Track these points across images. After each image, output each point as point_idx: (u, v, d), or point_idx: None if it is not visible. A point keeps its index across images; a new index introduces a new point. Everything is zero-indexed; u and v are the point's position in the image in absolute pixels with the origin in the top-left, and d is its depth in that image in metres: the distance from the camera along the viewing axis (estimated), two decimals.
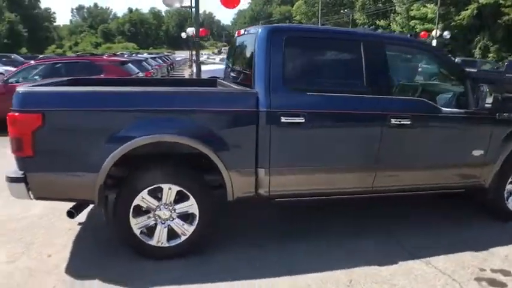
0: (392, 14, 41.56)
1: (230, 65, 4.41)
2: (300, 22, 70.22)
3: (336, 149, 3.34)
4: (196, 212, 3.09)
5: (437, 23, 28.84)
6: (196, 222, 3.11)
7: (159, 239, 3.09)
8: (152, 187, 3.00)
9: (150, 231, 3.09)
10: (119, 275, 2.91)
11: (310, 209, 4.22)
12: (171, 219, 3.10)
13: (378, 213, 4.21)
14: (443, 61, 3.91)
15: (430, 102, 3.57)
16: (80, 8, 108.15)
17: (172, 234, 3.12)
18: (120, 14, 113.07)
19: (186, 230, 3.11)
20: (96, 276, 2.89)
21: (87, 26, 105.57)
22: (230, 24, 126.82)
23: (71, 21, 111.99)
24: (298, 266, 3.13)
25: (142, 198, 3.00)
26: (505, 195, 4.04)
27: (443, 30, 30.36)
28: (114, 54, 17.51)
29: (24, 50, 54.68)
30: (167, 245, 3.11)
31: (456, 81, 3.90)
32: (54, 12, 78.16)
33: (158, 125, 2.91)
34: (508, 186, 4.05)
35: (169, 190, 3.02)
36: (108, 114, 2.86)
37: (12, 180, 2.89)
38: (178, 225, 3.11)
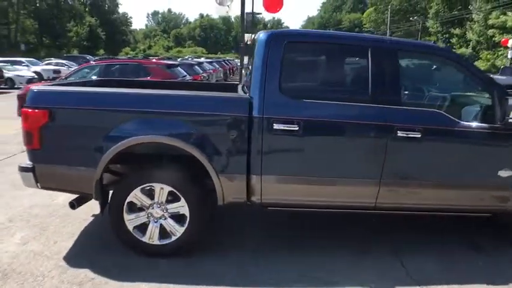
0: (468, 22, 39.00)
1: (248, 70, 4.44)
2: (369, 30, 68.78)
3: (334, 160, 3.20)
4: (187, 214, 3.14)
5: None
6: (186, 223, 3.16)
7: (151, 236, 3.18)
8: (145, 185, 3.11)
9: (143, 228, 3.20)
10: (107, 269, 3.05)
11: (313, 218, 4.09)
12: (164, 218, 3.18)
13: (387, 232, 3.97)
14: (469, 70, 3.53)
15: (447, 114, 3.28)
16: (155, 14, 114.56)
17: (164, 233, 3.21)
18: (192, 20, 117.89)
19: (177, 231, 3.18)
20: (87, 266, 3.06)
21: (160, 31, 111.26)
22: None
23: (146, 25, 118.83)
24: (287, 277, 3.06)
25: (135, 196, 3.11)
26: None
27: None
28: (168, 58, 18.35)
29: (102, 51, 59.07)
30: (158, 243, 3.20)
31: (483, 92, 3.55)
32: (131, 17, 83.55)
33: (152, 126, 3.02)
34: None
35: (161, 190, 3.11)
36: (106, 113, 3.03)
37: (23, 169, 3.16)
38: (169, 225, 3.18)
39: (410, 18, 52.82)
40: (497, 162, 3.33)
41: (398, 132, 3.12)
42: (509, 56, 26.16)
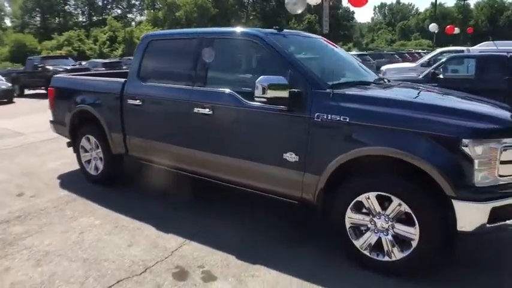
0: None
1: None
2: None
3: (164, 128, 4.22)
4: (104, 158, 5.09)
5: None
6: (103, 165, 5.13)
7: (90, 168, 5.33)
8: None
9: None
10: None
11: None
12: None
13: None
14: (272, 53, 3.55)
15: (236, 95, 3.57)
16: (381, 6, 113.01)
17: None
18: (422, 10, 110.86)
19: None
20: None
21: (385, 24, 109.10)
22: None
23: (372, 19, 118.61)
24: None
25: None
26: (348, 224, 3.07)
27: None
28: None
29: None
30: (94, 173, 5.28)
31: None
32: (353, 12, 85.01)
33: (85, 100, 5.07)
34: (352, 215, 3.05)
35: None
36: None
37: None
38: (97, 166, 5.22)
39: None
40: (282, 145, 3.31)
41: (194, 108, 3.89)
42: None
